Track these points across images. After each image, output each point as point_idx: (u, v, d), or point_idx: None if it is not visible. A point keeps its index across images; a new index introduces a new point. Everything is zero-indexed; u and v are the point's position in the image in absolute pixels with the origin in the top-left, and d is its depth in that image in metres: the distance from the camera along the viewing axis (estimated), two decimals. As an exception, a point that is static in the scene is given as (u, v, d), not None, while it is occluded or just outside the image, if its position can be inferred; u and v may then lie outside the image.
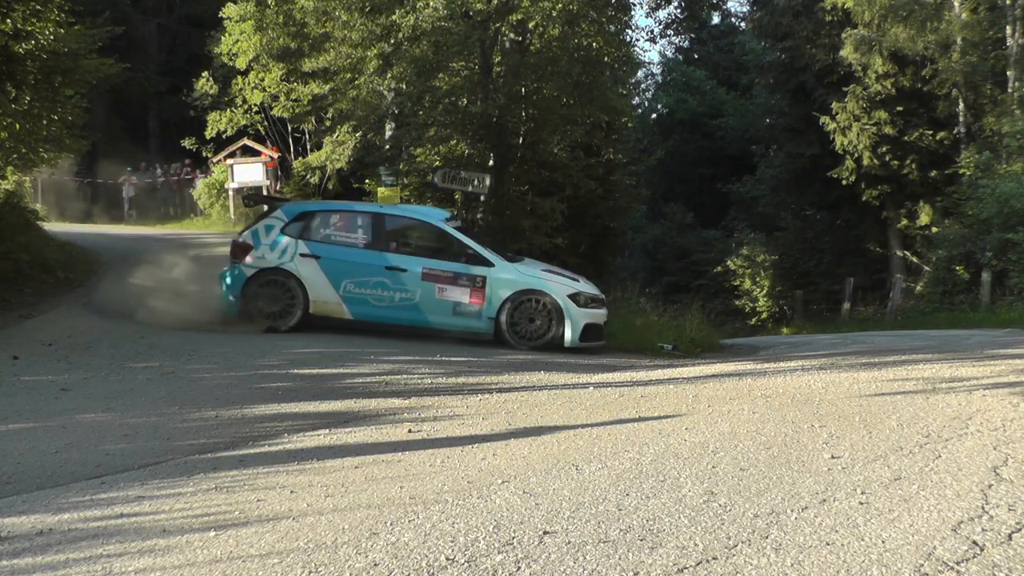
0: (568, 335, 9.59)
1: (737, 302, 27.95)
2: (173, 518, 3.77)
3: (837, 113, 23.45)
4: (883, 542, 3.41)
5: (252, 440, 5.24)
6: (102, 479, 4.39)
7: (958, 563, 3.20)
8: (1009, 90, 21.16)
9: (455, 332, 9.64)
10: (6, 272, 10.80)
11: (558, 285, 9.83)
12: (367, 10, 15.24)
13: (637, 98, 37.64)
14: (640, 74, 36.69)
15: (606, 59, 16.91)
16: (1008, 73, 21.34)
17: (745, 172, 31.76)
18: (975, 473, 4.35)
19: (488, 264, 9.70)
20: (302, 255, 9.57)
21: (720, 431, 5.37)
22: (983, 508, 3.81)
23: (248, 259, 9.62)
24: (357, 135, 19.48)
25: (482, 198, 15.60)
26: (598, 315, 9.96)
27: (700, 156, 36.14)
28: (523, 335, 9.59)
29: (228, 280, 9.69)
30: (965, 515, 3.71)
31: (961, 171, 20.09)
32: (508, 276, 9.69)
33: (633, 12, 36.48)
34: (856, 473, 4.38)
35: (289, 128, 22.98)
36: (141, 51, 26.71)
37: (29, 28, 10.60)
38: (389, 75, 16.50)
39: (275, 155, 22.01)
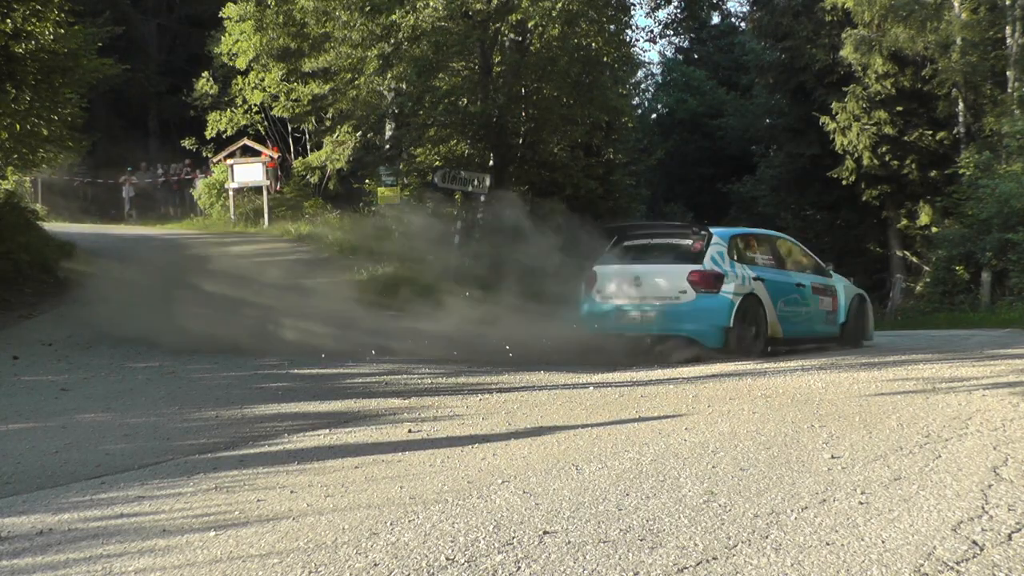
0: (871, 331, 10.89)
1: (737, 302, 27.92)
2: (173, 518, 3.77)
3: (837, 113, 23.44)
4: (883, 542, 3.40)
5: (252, 440, 5.24)
6: (102, 479, 4.39)
7: (958, 563, 3.20)
8: (1009, 90, 21.15)
9: (822, 339, 10.27)
10: (6, 272, 10.80)
11: (862, 290, 11.01)
12: (367, 10, 15.25)
13: (637, 98, 37.61)
14: (640, 74, 36.64)
15: (606, 59, 16.94)
16: (1008, 73, 21.34)
17: (745, 172, 31.74)
18: (975, 473, 4.34)
19: (830, 275, 10.51)
20: (754, 279, 9.40)
21: (720, 431, 5.37)
22: (983, 508, 3.80)
23: (726, 287, 9.15)
24: (357, 135, 19.49)
25: (482, 198, 15.60)
26: None
27: (700, 156, 36.11)
28: (853, 335, 10.45)
29: (717, 309, 9.11)
30: (965, 515, 3.71)
31: (961, 171, 20.10)
32: (844, 284, 10.62)
33: (633, 12, 36.50)
34: (856, 473, 4.38)
35: (289, 128, 22.97)
36: (141, 51, 26.69)
37: (29, 28, 10.61)
38: (389, 75, 16.51)
39: (275, 155, 22.00)
